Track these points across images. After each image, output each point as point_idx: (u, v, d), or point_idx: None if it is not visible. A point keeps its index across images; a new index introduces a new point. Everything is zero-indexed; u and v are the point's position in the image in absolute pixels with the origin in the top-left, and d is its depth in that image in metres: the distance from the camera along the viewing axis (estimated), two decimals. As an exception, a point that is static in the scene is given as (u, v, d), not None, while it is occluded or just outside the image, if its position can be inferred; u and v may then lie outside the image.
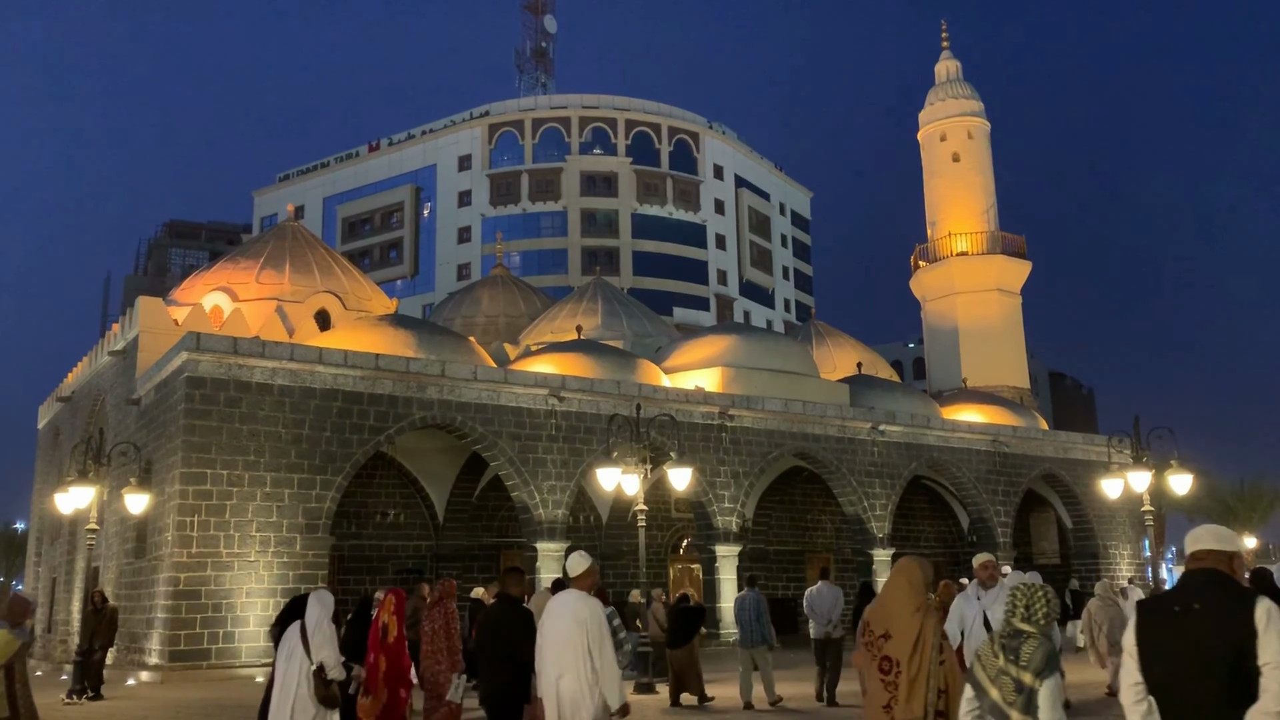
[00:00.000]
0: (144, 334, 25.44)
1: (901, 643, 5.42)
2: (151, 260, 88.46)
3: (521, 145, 66.66)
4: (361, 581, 26.52)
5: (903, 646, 5.41)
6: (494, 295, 40.71)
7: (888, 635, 5.50)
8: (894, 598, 5.62)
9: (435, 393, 23.19)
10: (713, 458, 26.88)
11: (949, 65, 49.87)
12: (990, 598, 8.87)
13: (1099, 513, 34.58)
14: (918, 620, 5.44)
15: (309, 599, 8.01)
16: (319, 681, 7.52)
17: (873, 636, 5.58)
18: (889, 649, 5.45)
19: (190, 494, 20.14)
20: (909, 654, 5.37)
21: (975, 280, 45.62)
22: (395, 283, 64.84)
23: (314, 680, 7.51)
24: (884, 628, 5.53)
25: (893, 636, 5.47)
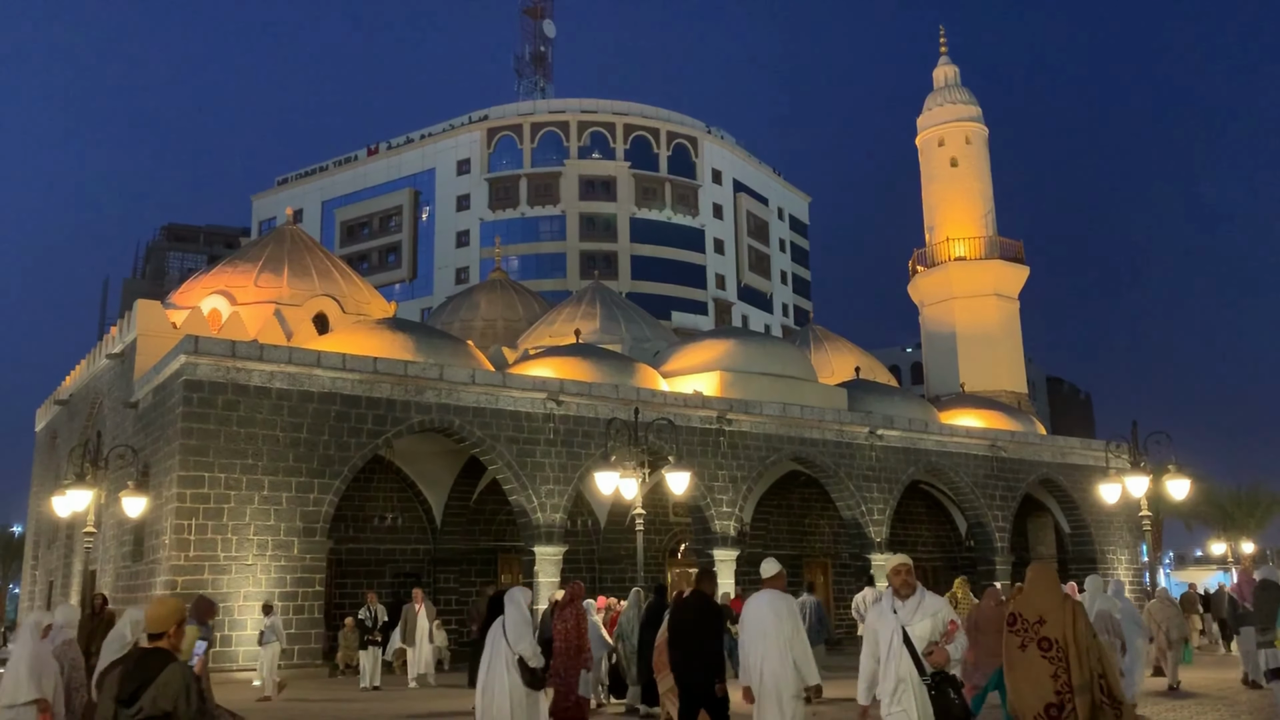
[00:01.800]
0: (142, 337, 25.43)
1: (1057, 625, 6.78)
2: (150, 263, 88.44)
3: (520, 149, 66.73)
4: (359, 585, 26.48)
5: (1059, 628, 6.77)
6: (492, 299, 40.72)
7: (1042, 621, 6.86)
8: (1041, 592, 7.01)
9: (433, 396, 23.18)
10: (711, 462, 26.88)
11: (947, 70, 49.97)
12: (909, 610, 6.93)
13: (1097, 517, 34.60)
14: (1068, 607, 6.83)
15: (504, 598, 9.04)
16: (522, 669, 8.70)
17: (1027, 624, 6.93)
18: (1046, 631, 6.83)
19: (188, 497, 20.11)
20: (1068, 634, 6.74)
21: (973, 285, 45.68)
22: (394, 286, 64.84)
23: (519, 668, 8.70)
24: (1037, 615, 6.88)
25: (1047, 621, 6.83)
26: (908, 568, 7.15)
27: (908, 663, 6.74)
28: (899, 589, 7.08)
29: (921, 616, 6.84)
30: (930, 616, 6.85)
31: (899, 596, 7.02)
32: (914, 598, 7.00)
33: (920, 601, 6.96)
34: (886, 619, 6.96)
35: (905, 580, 7.11)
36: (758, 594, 8.53)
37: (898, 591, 7.06)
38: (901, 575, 7.12)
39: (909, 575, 7.15)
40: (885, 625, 6.92)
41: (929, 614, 6.86)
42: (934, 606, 6.92)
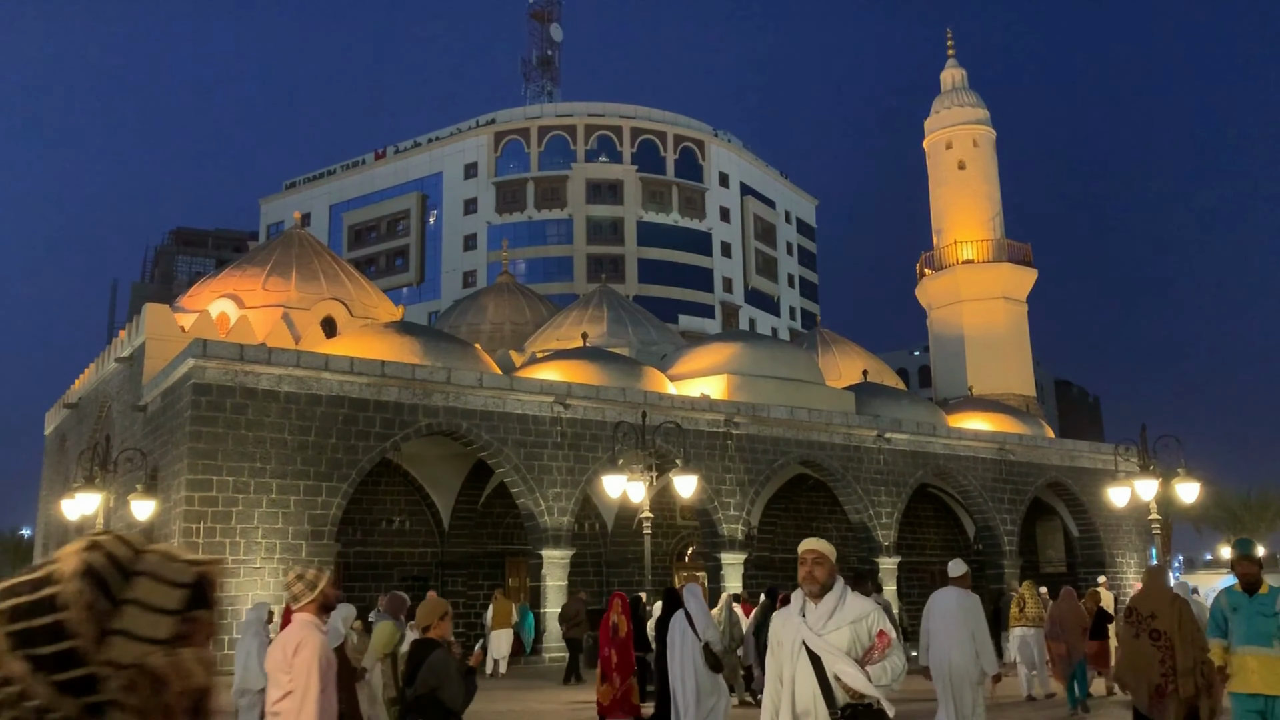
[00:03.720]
0: (151, 341, 25.50)
1: (1165, 619, 8.02)
2: (158, 267, 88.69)
3: (527, 153, 66.79)
4: (367, 589, 26.50)
5: (1168, 622, 8.00)
6: (499, 302, 40.76)
7: (1154, 615, 8.01)
8: (1155, 592, 8.25)
9: (441, 400, 23.21)
10: (718, 465, 26.85)
11: (954, 73, 49.91)
12: (820, 615, 5.18)
13: (1105, 521, 34.47)
14: (1176, 605, 8.04)
15: (684, 592, 10.13)
16: (709, 654, 9.68)
17: (1140, 617, 8.07)
18: (1157, 624, 8.00)
19: (196, 500, 20.16)
20: (1173, 627, 7.95)
21: (981, 288, 45.59)
22: (401, 290, 64.92)
23: (705, 653, 9.66)
24: (1150, 611, 8.03)
25: (1158, 616, 8.05)
26: (816, 555, 5.25)
27: (811, 687, 5.04)
28: (806, 585, 5.24)
29: (837, 624, 5.06)
30: (850, 625, 5.07)
31: (810, 597, 5.23)
32: (829, 599, 5.15)
33: (838, 604, 5.14)
34: (789, 626, 5.22)
35: (811, 573, 5.21)
36: (945, 590, 9.56)
37: (808, 589, 5.24)
38: (807, 565, 5.24)
39: (815, 566, 5.22)
40: (788, 635, 5.20)
41: (848, 621, 5.08)
42: (857, 611, 5.13)
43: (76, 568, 1.19)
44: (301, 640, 5.23)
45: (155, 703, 1.16)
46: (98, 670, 1.15)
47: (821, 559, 5.28)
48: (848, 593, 5.27)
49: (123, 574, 1.20)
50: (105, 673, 1.15)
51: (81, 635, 1.15)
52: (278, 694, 5.23)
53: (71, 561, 1.19)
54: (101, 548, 1.22)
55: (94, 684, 1.14)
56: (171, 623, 1.21)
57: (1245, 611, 7.55)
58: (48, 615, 1.16)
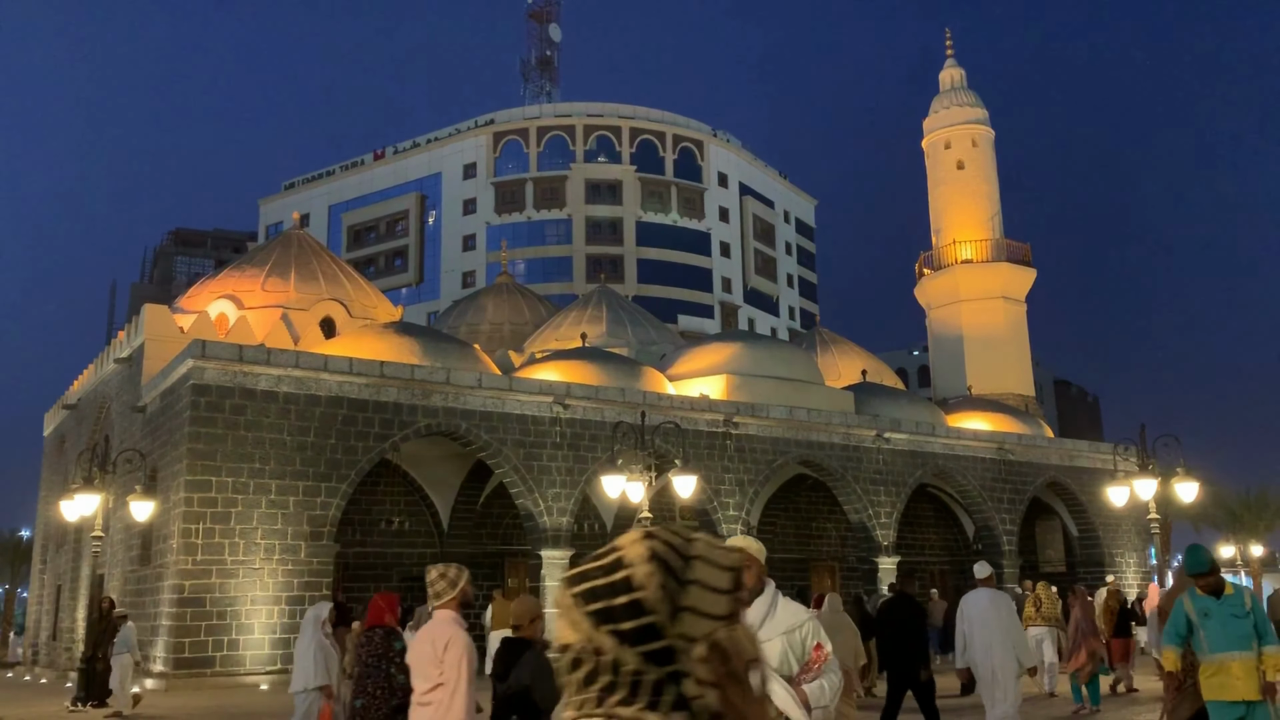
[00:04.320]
0: (149, 341, 25.49)
1: None
2: (157, 268, 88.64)
3: (526, 153, 66.79)
4: (366, 589, 26.45)
5: None
6: (499, 303, 40.75)
7: None
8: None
9: (440, 400, 23.20)
10: (717, 465, 26.85)
11: (953, 73, 49.92)
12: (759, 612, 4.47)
13: (1105, 521, 34.48)
14: None
15: None
16: None
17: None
18: None
19: (195, 501, 20.15)
20: None
21: (980, 288, 45.61)
22: (400, 290, 64.90)
23: None
24: None
25: None
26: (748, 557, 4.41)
27: None
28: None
29: (767, 635, 4.40)
30: (782, 636, 4.45)
31: None
32: (757, 606, 4.49)
33: (768, 612, 4.49)
34: None
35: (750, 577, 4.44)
36: (977, 591, 9.88)
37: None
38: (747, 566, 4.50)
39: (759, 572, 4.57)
40: None
41: (779, 632, 4.46)
42: (789, 620, 4.51)
43: (644, 553, 1.36)
44: (450, 637, 5.70)
45: (723, 672, 1.31)
46: (674, 643, 1.32)
47: (748, 561, 4.43)
48: (779, 599, 4.53)
49: (681, 558, 1.36)
50: (680, 645, 1.32)
51: (657, 612, 1.32)
52: (426, 686, 5.66)
53: (637, 549, 1.37)
54: (658, 536, 1.39)
55: (671, 655, 1.32)
56: (728, 601, 1.36)
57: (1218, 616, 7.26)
58: (625, 595, 1.33)
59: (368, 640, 8.05)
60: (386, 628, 8.23)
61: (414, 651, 5.90)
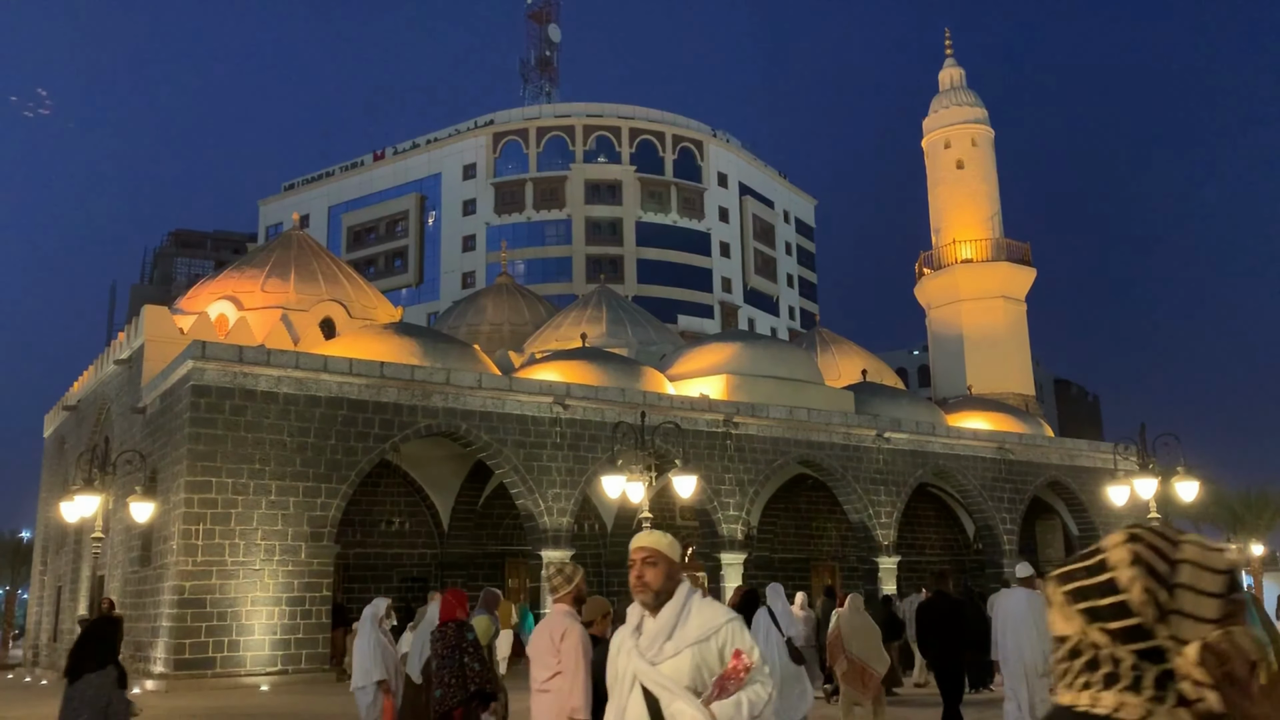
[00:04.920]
0: (149, 343, 25.49)
1: None
2: (157, 269, 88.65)
3: (526, 154, 66.80)
4: (366, 590, 26.46)
5: None
6: (498, 303, 40.76)
7: None
8: None
9: (440, 401, 23.20)
10: (717, 465, 26.85)
11: (952, 73, 49.94)
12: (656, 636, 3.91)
13: (1105, 520, 34.48)
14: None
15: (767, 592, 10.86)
16: (792, 648, 10.25)
17: None
18: None
19: (195, 502, 20.15)
20: None
21: (980, 287, 45.62)
22: (400, 291, 64.90)
23: (788, 648, 10.22)
24: None
25: None
26: (646, 553, 3.94)
27: None
28: (637, 594, 3.94)
29: (676, 647, 3.78)
30: (693, 647, 3.77)
31: (645, 608, 3.94)
32: (667, 613, 3.85)
33: (679, 619, 3.84)
34: (623, 653, 3.93)
35: (641, 578, 3.90)
36: (1013, 590, 10.48)
37: (640, 599, 3.95)
38: (635, 567, 3.94)
39: (646, 568, 3.90)
40: (622, 663, 3.92)
41: (690, 641, 3.78)
42: (702, 627, 3.82)
43: (1127, 557, 1.42)
44: (566, 629, 6.07)
45: (1220, 675, 1.33)
46: (1162, 644, 1.37)
47: (655, 557, 3.91)
48: (693, 602, 3.89)
49: (1167, 562, 1.40)
50: (1170, 646, 1.36)
51: (1143, 614, 1.37)
52: (546, 674, 6.04)
53: (1121, 552, 1.43)
54: (1143, 539, 1.44)
55: (1161, 655, 1.37)
56: (1220, 604, 1.38)
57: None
58: (1110, 596, 1.40)
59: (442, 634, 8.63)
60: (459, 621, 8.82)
61: (533, 643, 6.26)
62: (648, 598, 3.91)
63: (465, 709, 8.23)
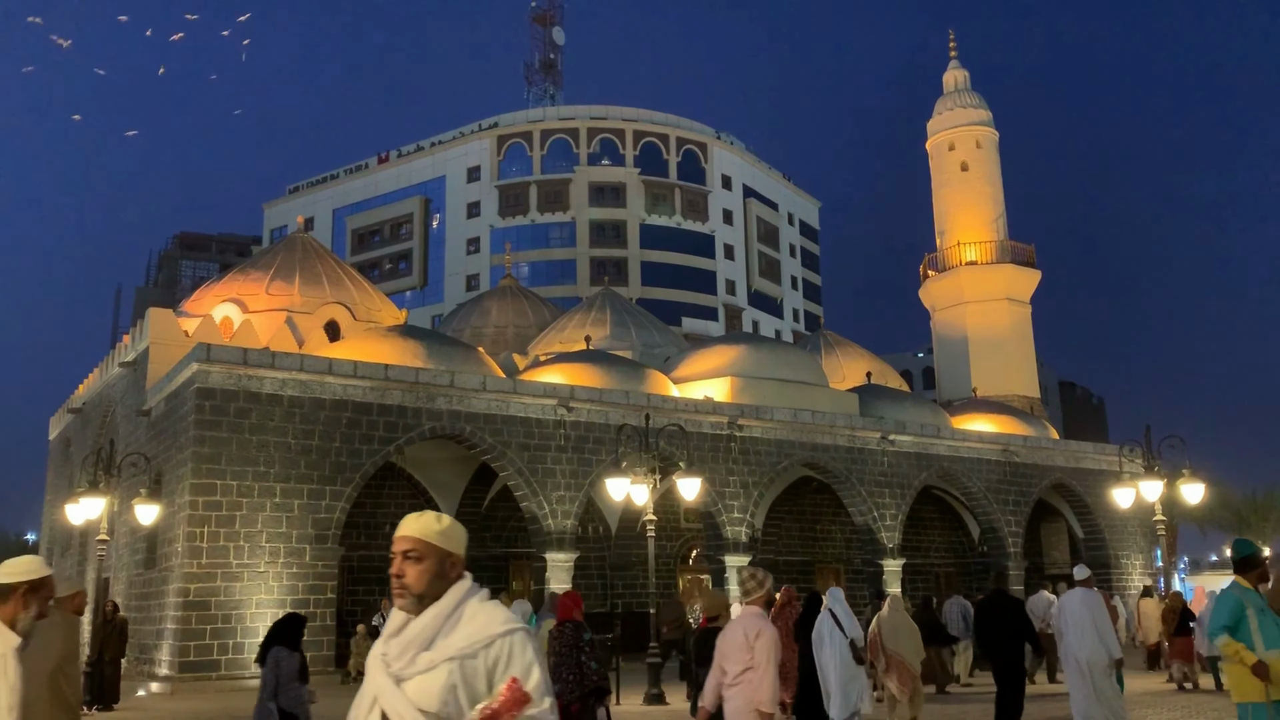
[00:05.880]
0: (154, 345, 25.54)
1: None
2: (162, 272, 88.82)
3: (530, 156, 66.85)
4: (371, 592, 26.51)
5: None
6: (503, 306, 40.79)
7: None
8: None
9: (444, 403, 23.22)
10: (722, 468, 26.84)
11: (957, 75, 49.91)
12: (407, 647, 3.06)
13: (1110, 522, 34.42)
14: None
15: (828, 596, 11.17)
16: (854, 649, 10.69)
17: None
18: None
19: (200, 505, 20.18)
20: None
21: (985, 289, 45.57)
22: (404, 294, 65.00)
23: (850, 648, 10.65)
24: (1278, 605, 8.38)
25: None
26: (409, 544, 3.17)
27: None
28: (397, 597, 3.15)
29: (431, 661, 3.00)
30: (450, 663, 2.98)
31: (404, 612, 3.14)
32: (428, 617, 3.07)
33: (442, 626, 3.05)
34: (371, 665, 3.13)
35: (400, 575, 3.14)
36: (1073, 591, 10.98)
37: (398, 602, 3.16)
38: (395, 564, 3.18)
39: (408, 563, 3.14)
40: (367, 679, 3.14)
41: (447, 656, 2.99)
42: (470, 638, 3.02)
43: None
44: (760, 628, 6.76)
45: None
46: None
47: (420, 550, 3.12)
48: (468, 606, 3.09)
49: None
50: None
51: None
52: (738, 669, 6.71)
53: None
54: None
55: None
56: None
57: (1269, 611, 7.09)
58: None
59: (559, 634, 9.09)
60: (575, 622, 9.23)
61: (727, 640, 6.89)
62: (408, 603, 3.08)
63: (582, 704, 8.85)
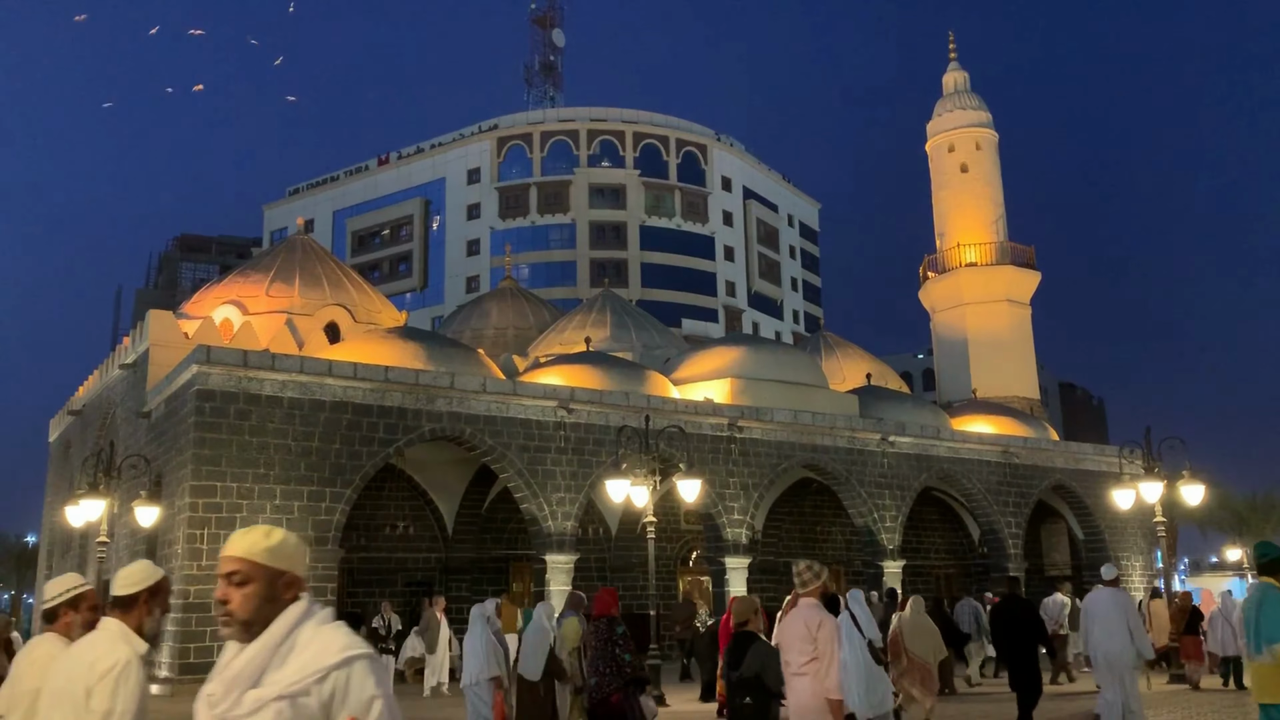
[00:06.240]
0: (154, 347, 25.54)
1: None
2: (162, 274, 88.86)
3: (530, 158, 66.89)
4: (371, 594, 26.50)
5: None
6: (503, 307, 40.79)
7: None
8: None
9: (444, 405, 23.21)
10: (722, 469, 26.83)
11: (957, 76, 49.92)
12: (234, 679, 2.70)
13: (1110, 524, 34.41)
14: None
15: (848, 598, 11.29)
16: (873, 650, 10.82)
17: None
18: None
19: (200, 506, 20.18)
20: None
21: (984, 291, 45.57)
22: (404, 295, 65.02)
23: (869, 649, 10.79)
24: None
25: None
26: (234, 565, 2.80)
27: None
28: (222, 626, 2.82)
29: (260, 699, 2.64)
30: (279, 702, 2.63)
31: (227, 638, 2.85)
32: (258, 648, 2.71)
33: (273, 656, 2.69)
34: (197, 713, 2.78)
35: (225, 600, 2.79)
36: (1101, 590, 11.17)
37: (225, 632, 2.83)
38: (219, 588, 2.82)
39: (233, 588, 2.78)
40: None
41: (278, 692, 2.64)
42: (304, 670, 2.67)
43: None
44: (821, 619, 6.99)
45: None
46: None
47: (247, 574, 2.76)
48: (302, 631, 2.72)
49: None
50: None
51: None
52: (802, 659, 6.92)
53: None
54: None
55: None
56: None
57: None
58: None
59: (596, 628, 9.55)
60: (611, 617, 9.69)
61: (788, 630, 7.12)
62: (234, 632, 2.72)
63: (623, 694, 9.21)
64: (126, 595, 4.02)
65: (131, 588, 4.03)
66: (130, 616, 4.00)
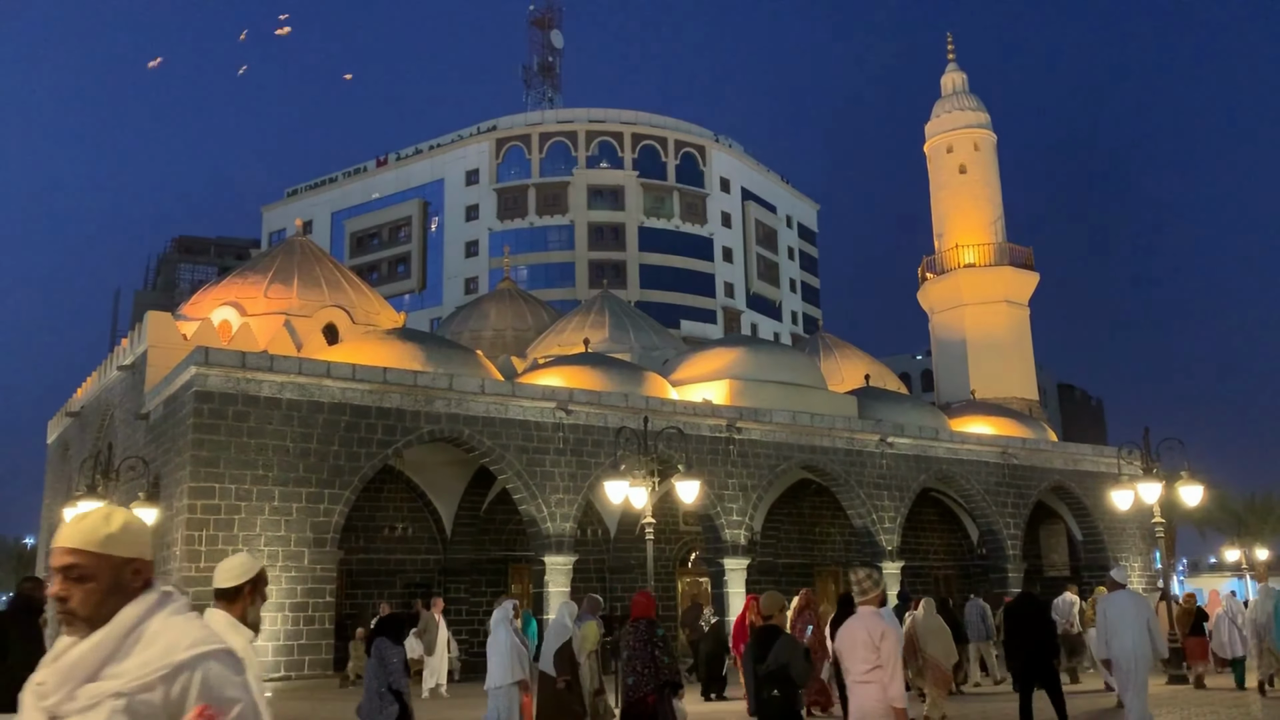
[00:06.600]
0: (153, 349, 25.51)
1: None
2: (161, 275, 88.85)
3: (528, 159, 66.88)
4: (370, 595, 26.49)
5: None
6: (501, 309, 40.77)
7: None
8: None
9: (443, 406, 23.20)
10: (720, 470, 26.82)
11: (955, 77, 49.94)
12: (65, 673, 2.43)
13: (1109, 524, 34.41)
14: None
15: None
16: None
17: None
18: None
19: (198, 508, 20.15)
20: None
21: (983, 292, 45.58)
22: (403, 297, 65.00)
23: None
24: None
25: None
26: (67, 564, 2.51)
27: None
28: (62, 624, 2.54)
29: (95, 696, 2.38)
30: (117, 700, 2.37)
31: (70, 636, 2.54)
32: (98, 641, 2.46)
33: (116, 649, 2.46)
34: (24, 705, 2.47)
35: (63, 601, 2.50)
36: (1118, 592, 11.40)
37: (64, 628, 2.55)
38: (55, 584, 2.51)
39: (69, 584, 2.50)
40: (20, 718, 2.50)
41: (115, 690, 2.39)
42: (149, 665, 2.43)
43: None
44: (884, 628, 7.01)
45: None
46: None
47: (85, 568, 2.51)
48: (151, 621, 2.53)
49: None
50: None
51: None
52: (865, 668, 6.95)
53: None
54: None
55: None
56: None
57: None
58: None
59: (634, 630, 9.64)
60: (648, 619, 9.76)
61: (850, 638, 7.10)
62: (78, 630, 2.48)
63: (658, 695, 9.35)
64: (231, 587, 4.22)
65: (236, 579, 4.23)
66: (235, 607, 4.20)
